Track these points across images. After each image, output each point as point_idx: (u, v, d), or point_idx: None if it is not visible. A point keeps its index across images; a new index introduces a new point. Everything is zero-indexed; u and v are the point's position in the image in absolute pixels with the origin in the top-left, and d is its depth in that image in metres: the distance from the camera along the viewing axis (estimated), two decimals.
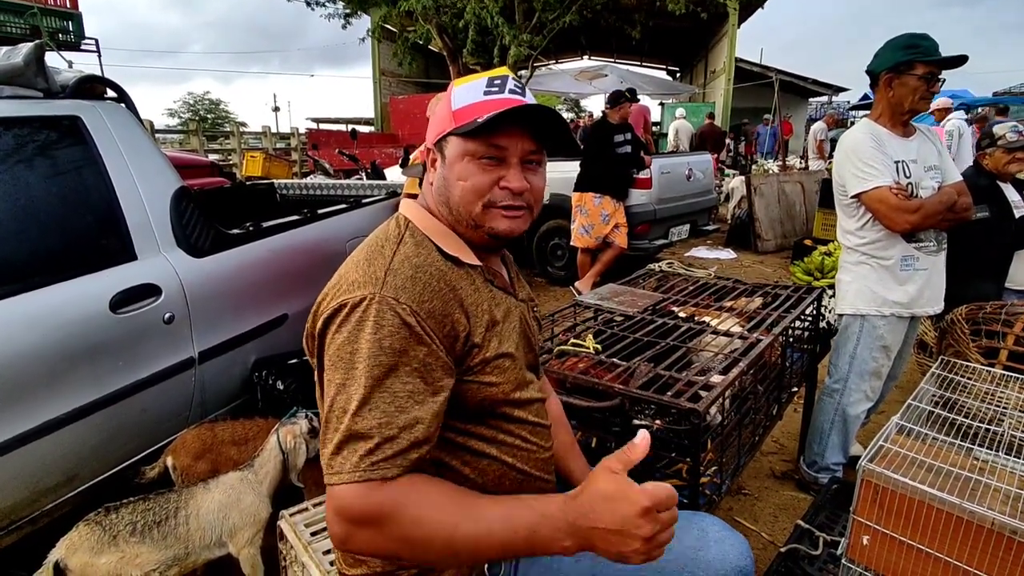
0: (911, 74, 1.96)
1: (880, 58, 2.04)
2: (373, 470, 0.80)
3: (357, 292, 0.87)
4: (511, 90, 0.98)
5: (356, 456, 0.81)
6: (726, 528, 1.04)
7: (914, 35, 1.99)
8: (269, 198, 3.85)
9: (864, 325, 2.17)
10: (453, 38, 7.99)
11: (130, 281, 1.89)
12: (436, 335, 0.88)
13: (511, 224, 0.99)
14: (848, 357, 2.22)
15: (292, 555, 1.45)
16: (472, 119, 0.94)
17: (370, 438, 0.81)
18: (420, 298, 0.88)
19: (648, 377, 1.53)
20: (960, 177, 2.15)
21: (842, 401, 2.24)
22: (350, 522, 0.81)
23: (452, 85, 1.03)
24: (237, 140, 13.94)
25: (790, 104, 17.39)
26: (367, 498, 0.80)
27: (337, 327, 0.86)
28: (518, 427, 1.02)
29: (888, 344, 2.18)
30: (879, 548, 1.20)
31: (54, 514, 1.78)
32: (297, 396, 2.16)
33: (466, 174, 0.96)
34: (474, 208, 0.97)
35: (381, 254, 0.93)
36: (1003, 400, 1.64)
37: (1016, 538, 1.04)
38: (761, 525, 2.28)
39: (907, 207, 1.98)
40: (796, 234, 7.27)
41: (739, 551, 1.01)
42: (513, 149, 0.96)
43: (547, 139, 1.00)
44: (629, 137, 5.08)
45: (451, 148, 0.98)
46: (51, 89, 1.93)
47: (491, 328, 0.97)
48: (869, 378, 2.21)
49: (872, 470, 1.19)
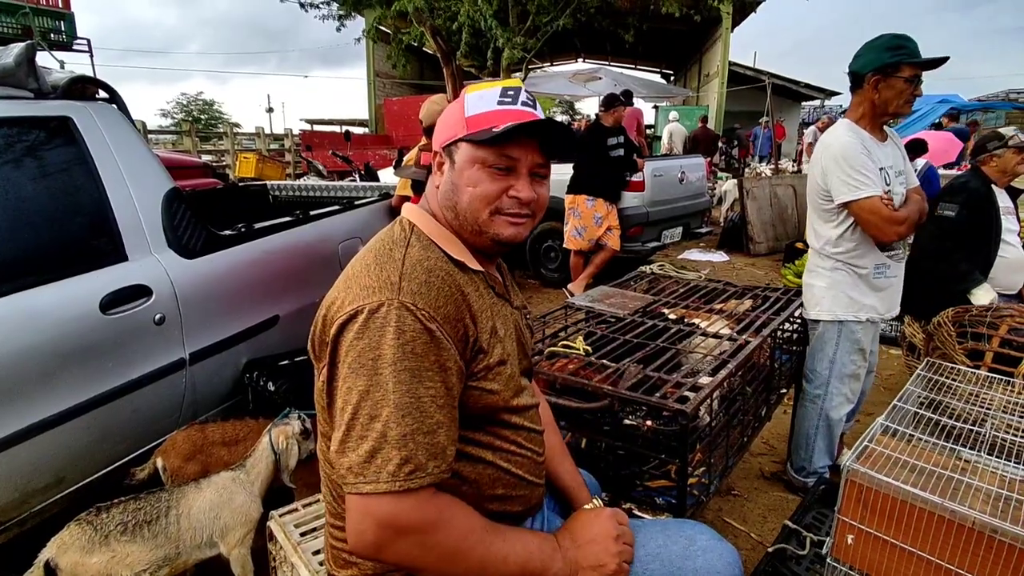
0: (898, 76, 1.92)
1: (864, 58, 1.98)
2: (411, 479, 0.81)
3: (374, 297, 0.86)
4: (524, 102, 1.00)
5: (392, 464, 0.81)
6: (714, 537, 1.04)
7: (897, 36, 1.94)
8: (262, 199, 3.85)
9: (842, 330, 2.17)
10: (447, 40, 8.00)
11: (121, 282, 1.88)
12: (452, 339, 0.89)
13: (515, 231, 1.01)
14: (828, 362, 2.22)
15: (282, 555, 1.46)
16: (485, 127, 0.96)
17: (404, 446, 0.82)
18: (436, 303, 0.89)
19: (637, 378, 1.55)
20: (916, 181, 2.17)
21: (824, 406, 2.26)
22: (396, 531, 0.82)
23: (464, 92, 1.04)
24: (230, 141, 13.90)
25: (783, 108, 17.50)
26: (421, 508, 0.83)
27: (356, 333, 0.86)
28: (514, 433, 1.03)
29: (864, 347, 2.20)
30: (863, 547, 1.21)
31: (43, 515, 1.77)
32: (288, 397, 2.16)
33: (476, 180, 0.97)
34: (481, 214, 0.98)
35: (391, 258, 0.93)
36: (987, 401, 1.66)
37: (996, 537, 1.05)
38: (750, 526, 2.29)
39: (897, 218, 1.98)
40: (788, 237, 7.32)
41: (727, 560, 1.01)
42: (524, 160, 0.98)
43: (553, 151, 1.02)
44: (622, 140, 5.10)
45: (461, 154, 0.99)
46: (42, 90, 1.92)
47: (494, 334, 0.98)
48: (849, 381, 2.23)
49: (856, 470, 1.20)
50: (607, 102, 5.16)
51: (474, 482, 0.98)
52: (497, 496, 1.01)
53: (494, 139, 0.94)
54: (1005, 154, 2.72)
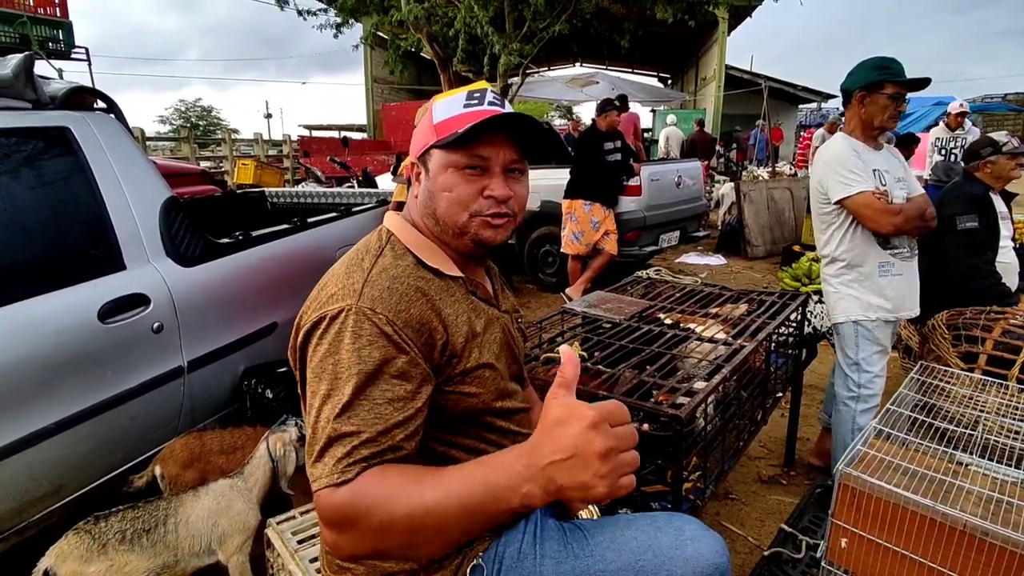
0: (882, 93, 2.09)
1: (853, 77, 2.16)
2: (347, 471, 0.81)
3: (336, 304, 0.89)
4: (490, 102, 1.01)
5: (333, 460, 0.82)
6: (702, 527, 1.07)
7: (884, 58, 2.13)
8: (260, 206, 3.86)
9: (859, 330, 2.24)
10: (444, 47, 8.03)
11: (119, 291, 1.89)
12: (414, 343, 0.90)
13: (495, 232, 1.01)
14: (853, 364, 2.28)
15: (279, 563, 1.46)
16: (453, 131, 0.96)
17: (348, 443, 0.82)
18: (396, 308, 0.90)
19: (632, 383, 1.56)
20: (922, 190, 2.25)
21: (856, 407, 2.29)
22: (329, 526, 0.82)
23: (433, 100, 1.06)
24: (228, 147, 13.91)
25: (780, 111, 17.55)
26: (331, 497, 0.80)
27: (318, 339, 0.88)
28: (499, 437, 1.04)
29: (884, 346, 2.26)
30: (857, 550, 1.22)
31: (42, 524, 1.78)
32: (286, 404, 2.17)
33: (450, 184, 0.98)
34: (460, 218, 0.99)
35: (360, 267, 0.95)
36: (981, 404, 1.67)
37: (988, 539, 1.06)
38: (748, 529, 2.30)
39: (891, 210, 2.09)
40: (785, 240, 7.34)
41: (714, 549, 1.03)
42: (496, 158, 0.98)
43: (529, 148, 1.02)
44: (619, 144, 5.13)
45: (434, 161, 1.00)
46: (40, 100, 1.94)
47: (471, 339, 0.99)
48: (877, 381, 2.28)
49: (849, 474, 1.21)
50: (600, 107, 5.20)
51: None
52: None
53: (461, 139, 0.94)
54: (1000, 160, 2.73)
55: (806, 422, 3.04)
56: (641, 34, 9.49)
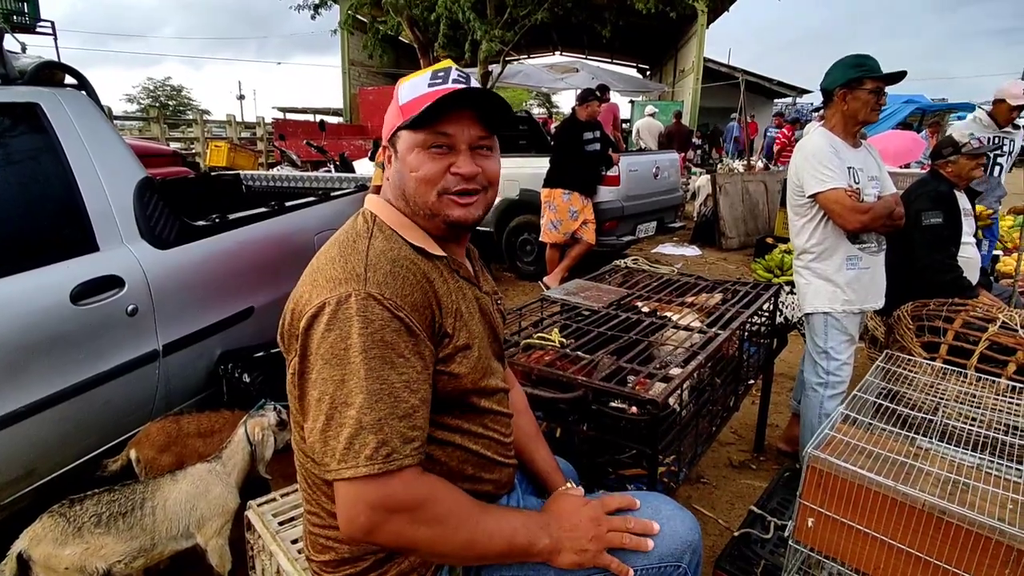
0: (862, 89, 2.15)
1: (832, 76, 2.22)
2: (389, 461, 0.84)
3: (340, 289, 0.88)
4: (455, 79, 1.00)
5: (369, 448, 0.84)
6: (677, 506, 1.12)
7: (859, 56, 2.19)
8: (235, 189, 3.79)
9: (828, 320, 2.32)
10: (424, 31, 7.95)
11: (92, 273, 1.86)
12: (421, 326, 0.92)
13: (465, 211, 1.01)
14: (822, 352, 2.36)
15: (260, 544, 1.47)
16: (417, 111, 0.96)
17: (379, 431, 0.84)
18: (402, 291, 0.91)
19: (611, 370, 1.59)
20: (894, 189, 2.32)
21: (824, 393, 2.37)
22: (387, 511, 0.85)
23: (400, 82, 1.05)
24: (200, 129, 13.61)
25: (756, 104, 17.75)
26: (408, 487, 0.86)
27: (327, 325, 0.87)
28: (481, 416, 1.06)
29: (852, 335, 2.34)
30: (823, 530, 1.27)
31: (14, 507, 1.75)
32: (264, 389, 2.16)
33: (417, 164, 0.98)
34: (429, 197, 0.99)
35: (355, 250, 0.95)
36: (941, 392, 1.75)
37: (945, 518, 1.12)
38: (718, 512, 2.37)
39: (860, 208, 2.16)
40: (759, 232, 7.47)
41: (688, 527, 1.09)
42: (460, 136, 0.98)
43: (496, 125, 1.02)
44: (598, 135, 5.15)
45: (402, 142, 1.00)
46: (9, 75, 1.88)
47: (458, 318, 1.00)
48: (844, 368, 2.36)
49: (817, 456, 1.26)
50: (582, 97, 5.21)
51: (444, 464, 1.01)
52: (467, 476, 1.04)
53: (424, 117, 0.94)
54: (959, 160, 2.82)
55: (776, 409, 3.13)
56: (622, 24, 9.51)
